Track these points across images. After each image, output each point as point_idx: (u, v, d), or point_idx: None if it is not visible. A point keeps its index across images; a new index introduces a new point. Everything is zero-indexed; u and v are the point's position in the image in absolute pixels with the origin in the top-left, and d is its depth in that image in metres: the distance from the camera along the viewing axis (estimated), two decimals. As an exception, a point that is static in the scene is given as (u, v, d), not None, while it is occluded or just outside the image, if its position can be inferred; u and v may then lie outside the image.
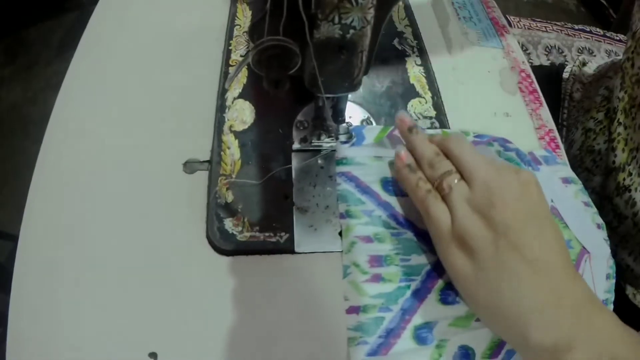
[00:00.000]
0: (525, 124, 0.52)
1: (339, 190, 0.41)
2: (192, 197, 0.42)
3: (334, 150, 0.43)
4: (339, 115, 0.42)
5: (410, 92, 0.51)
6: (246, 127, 0.45)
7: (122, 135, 0.46)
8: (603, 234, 0.44)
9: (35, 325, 0.36)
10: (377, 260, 0.37)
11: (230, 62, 0.51)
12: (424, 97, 0.51)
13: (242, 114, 0.46)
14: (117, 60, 0.52)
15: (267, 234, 0.40)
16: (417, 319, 0.35)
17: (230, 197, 0.41)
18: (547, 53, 0.83)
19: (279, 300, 0.38)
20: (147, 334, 0.37)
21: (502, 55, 0.59)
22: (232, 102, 0.47)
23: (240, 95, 0.47)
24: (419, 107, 0.50)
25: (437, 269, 0.37)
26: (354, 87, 0.37)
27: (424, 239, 0.38)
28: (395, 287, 0.36)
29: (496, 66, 0.57)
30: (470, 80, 0.55)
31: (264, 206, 0.41)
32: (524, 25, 0.89)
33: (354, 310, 0.36)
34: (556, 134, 0.51)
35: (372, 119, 0.48)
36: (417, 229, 0.39)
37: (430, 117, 0.49)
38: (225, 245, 0.39)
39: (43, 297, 0.38)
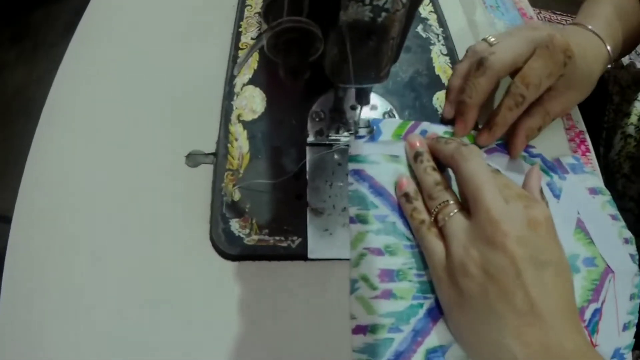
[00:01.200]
0: (555, 123, 0.47)
1: (350, 190, 0.37)
2: (195, 194, 0.38)
3: (348, 146, 0.39)
4: (363, 97, 0.37)
5: (436, 84, 0.47)
6: (256, 116, 0.41)
7: (120, 123, 0.42)
8: (631, 248, 0.40)
9: (22, 331, 0.33)
10: (389, 275, 0.34)
11: (240, 46, 0.46)
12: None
13: (252, 102, 0.42)
14: (118, 42, 0.47)
15: (277, 238, 0.36)
16: (429, 342, 0.33)
17: (237, 196, 0.37)
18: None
19: (289, 312, 0.35)
20: (144, 343, 0.33)
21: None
22: (241, 89, 0.42)
23: (251, 82, 0.43)
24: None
25: None
26: (380, 78, 0.32)
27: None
28: (408, 305, 0.34)
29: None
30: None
31: (274, 207, 0.37)
32: (544, 17, 0.84)
33: (361, 330, 0.33)
34: (586, 136, 0.47)
35: (394, 112, 0.44)
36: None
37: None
38: (230, 249, 0.35)
39: (32, 303, 0.34)
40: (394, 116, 0.43)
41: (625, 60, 0.69)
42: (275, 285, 0.35)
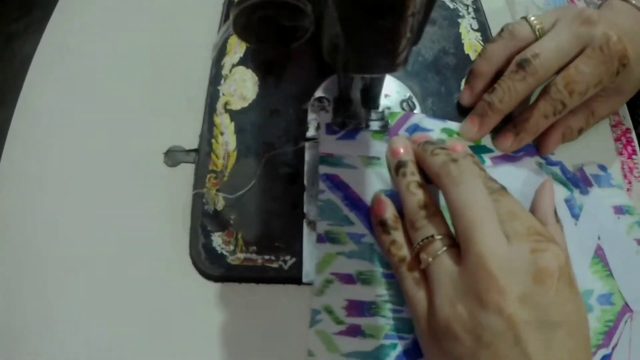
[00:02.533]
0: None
1: (321, 200, 0.31)
2: (174, 199, 0.32)
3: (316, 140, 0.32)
4: (371, 100, 0.30)
5: (465, 65, 0.39)
6: (246, 105, 0.34)
7: (89, 112, 0.35)
8: None
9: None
10: (358, 308, 0.29)
11: (232, 17, 0.39)
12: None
13: (242, 87, 0.35)
14: (94, 17, 0.41)
15: (266, 257, 0.30)
16: None
17: (220, 204, 0.31)
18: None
19: (279, 342, 0.29)
20: None
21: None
22: (230, 71, 0.36)
23: (242, 62, 0.36)
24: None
25: None
26: (395, 66, 0.25)
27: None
28: (378, 345, 0.28)
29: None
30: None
31: (264, 218, 0.31)
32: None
33: None
34: (633, 135, 0.39)
35: (414, 100, 0.36)
36: None
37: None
38: (211, 269, 0.30)
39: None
40: (414, 105, 0.36)
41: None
42: (263, 310, 0.30)
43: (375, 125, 0.33)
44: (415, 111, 0.35)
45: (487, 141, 0.35)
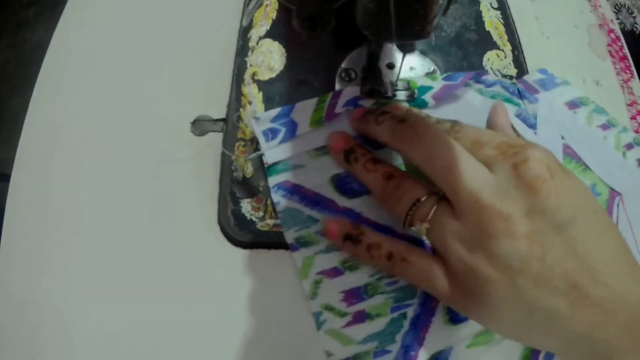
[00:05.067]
0: (617, 97, 0.40)
1: (279, 212, 0.30)
2: (202, 168, 0.33)
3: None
4: (407, 45, 0.29)
5: (486, 42, 0.39)
6: (274, 75, 0.34)
7: (116, 82, 0.36)
8: (637, 153, 0.34)
9: (21, 290, 0.30)
10: (355, 295, 0.29)
11: (258, -10, 0.39)
12: (502, 50, 0.39)
13: (269, 58, 0.35)
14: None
15: (296, 223, 0.30)
16: (425, 352, 0.28)
17: (249, 171, 0.31)
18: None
19: (307, 307, 0.29)
20: (141, 341, 0.29)
21: (590, 8, 0.45)
22: (257, 43, 0.36)
23: (268, 34, 0.36)
24: (497, 62, 0.38)
25: None
26: (426, 33, 0.25)
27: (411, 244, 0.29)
28: (388, 320, 0.28)
29: (584, 21, 0.44)
30: (556, 34, 0.43)
31: (293, 185, 0.31)
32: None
33: None
34: None
35: (438, 73, 0.36)
36: (397, 234, 0.29)
37: (511, 77, 0.38)
38: (240, 235, 0.30)
39: (30, 263, 0.30)
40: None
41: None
42: (292, 276, 0.30)
43: (401, 94, 0.33)
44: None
45: (423, 81, 0.34)
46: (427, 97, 0.33)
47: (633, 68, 0.43)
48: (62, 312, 0.29)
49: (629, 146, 0.35)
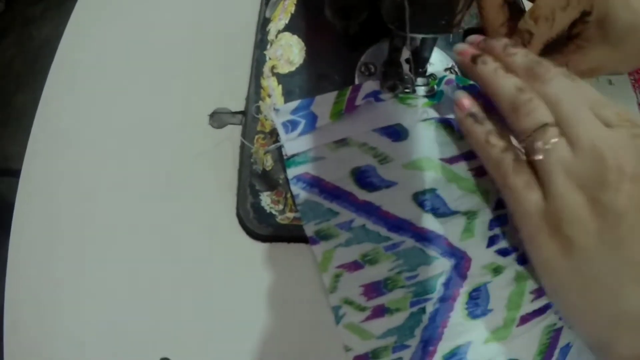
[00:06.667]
0: (629, 96, 0.40)
1: (298, 204, 0.30)
2: (221, 160, 0.32)
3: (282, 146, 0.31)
4: (420, 64, 0.30)
5: (506, 35, 0.39)
6: (293, 69, 0.34)
7: (134, 74, 0.36)
8: None
9: (33, 291, 0.30)
10: (375, 289, 0.29)
11: (276, -17, 0.39)
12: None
13: (289, 51, 0.35)
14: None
15: (316, 217, 0.30)
16: (444, 347, 0.28)
17: (269, 164, 0.31)
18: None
19: (326, 301, 0.29)
20: (160, 334, 0.29)
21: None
22: (276, 37, 0.35)
23: (287, 28, 0.36)
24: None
25: (456, 276, 0.29)
26: (451, 27, 0.25)
27: (431, 240, 0.29)
28: (407, 315, 0.28)
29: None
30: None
31: (314, 178, 0.31)
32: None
33: (361, 359, 0.28)
34: None
35: (456, 68, 0.36)
36: (417, 228, 0.29)
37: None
38: (260, 229, 0.30)
39: (41, 259, 0.31)
40: (457, 74, 0.35)
41: None
42: (311, 271, 0.29)
43: (421, 90, 0.33)
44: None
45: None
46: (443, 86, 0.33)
47: None
48: (77, 306, 0.29)
49: None
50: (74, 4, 0.39)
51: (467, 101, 0.29)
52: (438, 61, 0.36)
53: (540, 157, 0.25)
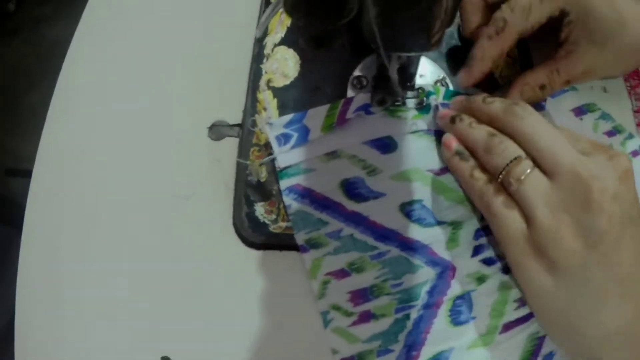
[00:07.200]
0: (623, 104, 0.40)
1: (290, 214, 0.31)
2: (219, 171, 0.34)
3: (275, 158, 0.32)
4: (407, 79, 0.31)
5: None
6: (288, 82, 0.36)
7: (136, 88, 0.37)
8: None
9: (41, 293, 0.32)
10: (362, 295, 0.30)
11: (273, -2, 0.40)
12: (510, 56, 0.39)
13: (284, 65, 0.36)
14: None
15: (307, 227, 0.31)
16: (427, 352, 0.29)
17: (264, 175, 0.32)
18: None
19: (315, 306, 0.30)
20: (159, 335, 0.31)
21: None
22: (272, 50, 0.37)
23: (283, 42, 0.37)
24: (506, 68, 0.38)
25: (440, 284, 0.30)
26: (430, 46, 0.26)
27: (416, 249, 0.31)
28: (392, 321, 0.30)
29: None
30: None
31: (305, 189, 0.32)
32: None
33: None
34: None
35: (447, 80, 0.37)
36: (403, 238, 0.31)
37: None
38: (254, 237, 0.31)
39: (52, 261, 0.33)
40: (447, 85, 0.37)
41: None
42: (302, 277, 0.31)
43: (411, 102, 0.34)
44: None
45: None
46: (432, 99, 0.34)
47: None
48: (80, 309, 0.31)
49: (635, 153, 0.35)
50: (84, 4, 0.40)
51: (453, 142, 0.31)
52: (430, 72, 0.37)
53: (516, 187, 0.27)
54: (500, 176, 0.28)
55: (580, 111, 0.36)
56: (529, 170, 0.27)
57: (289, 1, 0.20)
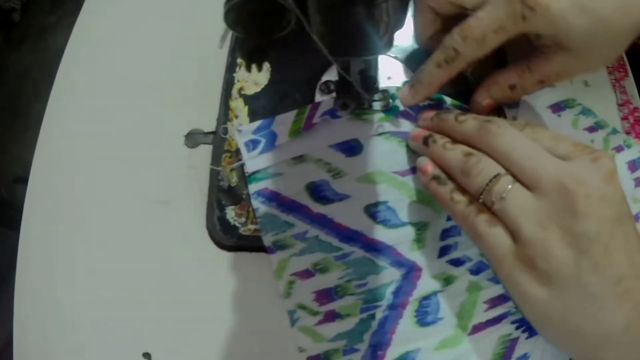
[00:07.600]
0: (607, 97, 0.39)
1: (258, 217, 0.32)
2: (194, 177, 0.36)
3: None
4: (369, 83, 0.32)
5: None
6: (259, 90, 0.37)
7: (116, 98, 0.39)
8: (630, 154, 0.34)
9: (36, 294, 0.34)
10: (326, 295, 0.31)
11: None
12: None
13: (255, 73, 0.38)
14: (117, 10, 0.44)
15: (274, 229, 0.33)
16: (393, 353, 0.30)
17: (234, 180, 0.34)
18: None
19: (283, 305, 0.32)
20: (140, 332, 0.33)
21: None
22: (245, 59, 0.38)
23: (256, 50, 0.39)
24: (479, 65, 0.39)
25: (406, 285, 0.31)
26: (380, 48, 0.26)
27: (380, 250, 0.31)
28: (357, 320, 0.30)
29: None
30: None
31: (273, 193, 0.34)
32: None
33: None
34: None
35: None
36: (367, 239, 0.32)
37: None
38: (225, 239, 0.33)
39: (46, 268, 0.35)
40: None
41: None
42: (270, 277, 0.32)
43: (377, 105, 0.35)
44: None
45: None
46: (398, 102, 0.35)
47: (627, 66, 0.41)
48: (71, 310, 0.34)
49: (619, 148, 0.34)
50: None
51: (429, 167, 0.30)
52: (398, 74, 0.38)
53: (499, 206, 0.26)
54: (481, 197, 0.27)
55: (558, 107, 0.35)
56: (509, 187, 0.26)
57: (229, 17, 0.22)
